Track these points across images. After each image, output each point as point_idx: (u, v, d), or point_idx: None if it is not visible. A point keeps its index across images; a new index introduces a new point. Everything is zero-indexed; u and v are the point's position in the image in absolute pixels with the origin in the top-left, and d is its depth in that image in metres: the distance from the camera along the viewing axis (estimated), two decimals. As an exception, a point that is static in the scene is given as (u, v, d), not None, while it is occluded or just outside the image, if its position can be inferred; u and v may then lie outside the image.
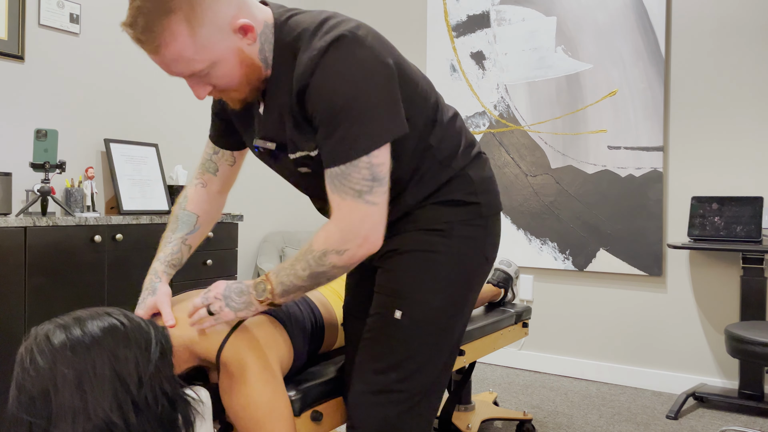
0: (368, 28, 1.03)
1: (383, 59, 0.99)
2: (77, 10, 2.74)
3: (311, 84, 0.97)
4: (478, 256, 1.17)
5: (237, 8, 0.98)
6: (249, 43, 1.00)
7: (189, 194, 1.29)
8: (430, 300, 1.12)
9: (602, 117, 3.09)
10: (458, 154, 1.16)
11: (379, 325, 1.13)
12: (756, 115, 2.74)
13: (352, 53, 0.96)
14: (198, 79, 1.01)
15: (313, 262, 1.01)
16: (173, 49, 0.94)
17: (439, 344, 1.14)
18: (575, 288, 3.21)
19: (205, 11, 0.93)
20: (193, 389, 1.06)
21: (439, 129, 1.13)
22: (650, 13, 2.95)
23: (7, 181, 2.20)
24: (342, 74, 0.95)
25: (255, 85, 1.05)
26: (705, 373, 2.87)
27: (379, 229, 1.00)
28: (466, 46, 3.52)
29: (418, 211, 1.15)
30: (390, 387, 1.10)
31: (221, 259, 2.87)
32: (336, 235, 0.99)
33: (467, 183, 1.16)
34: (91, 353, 0.93)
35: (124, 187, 2.76)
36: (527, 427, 2.31)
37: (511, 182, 3.37)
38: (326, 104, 0.96)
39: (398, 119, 0.99)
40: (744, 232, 2.63)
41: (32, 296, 2.09)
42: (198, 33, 0.94)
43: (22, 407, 0.89)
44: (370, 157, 0.96)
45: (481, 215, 1.17)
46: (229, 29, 0.97)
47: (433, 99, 1.15)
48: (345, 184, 0.98)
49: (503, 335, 2.10)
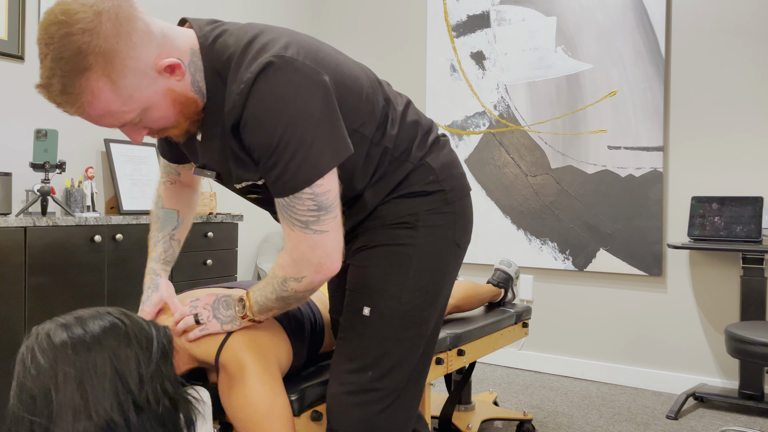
0: (299, 42, 0.97)
1: (317, 79, 0.93)
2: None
3: (243, 119, 0.93)
4: (449, 244, 1.15)
5: (158, 47, 0.91)
6: (179, 80, 0.95)
7: (161, 193, 1.28)
8: (400, 294, 1.10)
9: (602, 117, 3.09)
10: (414, 146, 1.12)
11: (350, 324, 1.12)
12: (756, 115, 2.74)
13: (282, 81, 0.90)
14: (131, 126, 0.97)
15: (278, 288, 1.01)
16: (97, 107, 0.89)
17: (413, 338, 1.12)
18: (575, 288, 3.21)
19: (123, 61, 0.87)
20: (194, 389, 1.06)
21: (391, 128, 1.10)
22: (650, 13, 2.95)
23: (7, 181, 2.20)
24: (273, 107, 0.90)
25: (194, 118, 1.01)
26: (705, 373, 2.87)
27: (334, 255, 0.98)
28: (466, 46, 3.52)
29: (382, 206, 1.12)
30: (366, 386, 1.08)
31: (221, 259, 2.87)
32: (290, 264, 0.98)
33: (427, 172, 1.12)
34: (92, 352, 0.94)
35: (124, 187, 2.76)
36: (527, 427, 2.31)
37: (511, 182, 3.37)
38: (262, 140, 0.92)
39: (340, 142, 0.95)
40: (744, 232, 2.63)
41: (32, 296, 2.09)
42: (121, 85, 0.88)
43: (23, 406, 0.89)
44: (313, 187, 0.93)
45: (447, 202, 1.14)
46: (154, 72, 0.91)
47: (381, 99, 1.10)
48: (292, 216, 0.96)
49: (503, 335, 2.10)
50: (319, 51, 0.99)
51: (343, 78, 1.01)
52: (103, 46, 0.85)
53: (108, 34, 0.85)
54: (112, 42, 0.85)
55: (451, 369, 1.79)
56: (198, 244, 2.75)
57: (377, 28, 3.90)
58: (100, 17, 0.85)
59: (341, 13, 4.06)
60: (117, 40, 0.86)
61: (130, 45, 0.87)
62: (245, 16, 3.65)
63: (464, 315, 2.07)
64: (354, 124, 1.03)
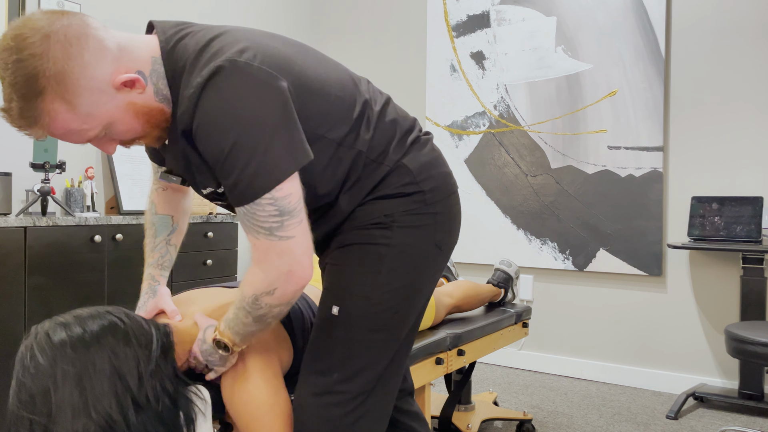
0: (259, 46, 0.94)
1: (272, 83, 0.90)
2: (77, 10, 2.74)
3: (194, 126, 0.91)
4: (428, 246, 1.10)
5: (113, 63, 0.90)
6: (140, 92, 0.94)
7: (154, 200, 1.27)
8: (370, 294, 1.06)
9: (602, 117, 3.09)
10: (391, 148, 1.08)
11: (320, 323, 1.09)
12: (756, 116, 2.74)
13: (233, 86, 0.88)
14: (99, 140, 0.96)
15: (250, 308, 0.98)
16: (57, 127, 0.89)
17: (383, 341, 1.07)
18: (575, 288, 3.21)
19: (77, 81, 0.87)
20: (195, 387, 1.07)
21: (366, 130, 1.05)
22: (650, 13, 2.95)
23: (7, 181, 2.20)
24: (223, 113, 0.88)
25: (163, 125, 0.99)
26: (705, 373, 2.87)
27: (303, 261, 0.94)
28: (466, 46, 3.52)
29: (358, 209, 1.08)
30: (332, 388, 1.05)
31: (221, 259, 2.87)
32: (260, 277, 0.95)
33: (404, 174, 1.07)
34: (91, 351, 0.94)
35: (124, 187, 2.77)
36: (527, 427, 2.31)
37: (511, 182, 3.37)
38: (213, 148, 0.90)
39: (298, 148, 0.92)
40: (744, 232, 2.63)
41: (32, 296, 2.09)
42: (77, 104, 0.88)
43: (22, 405, 0.89)
44: (273, 192, 0.90)
45: (427, 202, 1.09)
46: (111, 89, 0.91)
47: (356, 99, 1.06)
48: (254, 224, 0.93)
49: (503, 335, 2.10)
50: (279, 55, 0.96)
51: (306, 82, 0.98)
52: (53, 69, 0.85)
53: (57, 56, 0.85)
54: (62, 64, 0.85)
55: (451, 369, 1.79)
56: (198, 244, 2.75)
57: (377, 29, 3.91)
58: (48, 40, 0.85)
59: (342, 14, 4.06)
60: (67, 62, 0.86)
61: (81, 64, 0.87)
62: (246, 17, 3.65)
63: (464, 315, 2.07)
64: (320, 129, 0.99)
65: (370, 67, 3.93)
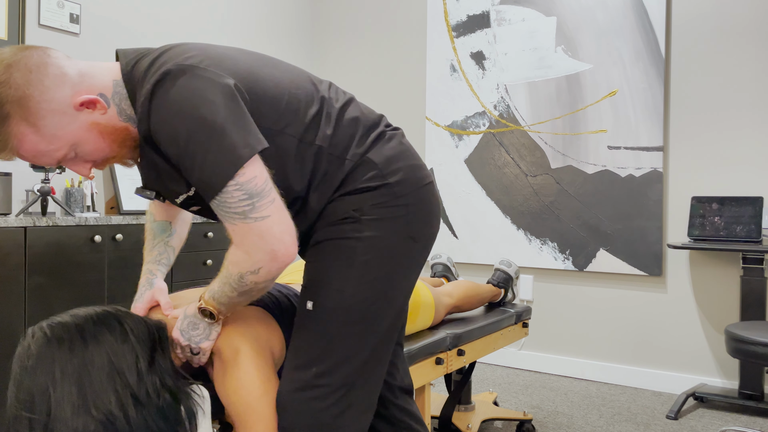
0: (206, 53, 1.00)
1: (217, 81, 0.95)
2: (77, 10, 2.75)
3: (151, 130, 0.96)
4: (401, 238, 1.11)
5: (72, 87, 0.98)
6: (102, 113, 1.00)
7: (152, 210, 1.31)
8: (344, 288, 1.07)
9: (602, 117, 3.09)
10: (354, 143, 1.10)
11: (298, 319, 1.11)
12: (756, 116, 2.74)
13: (179, 86, 0.94)
14: (71, 161, 1.03)
15: (236, 285, 1.01)
16: (26, 149, 0.97)
17: (361, 334, 1.09)
18: (575, 288, 3.21)
19: (39, 104, 0.94)
20: (195, 384, 1.07)
21: (326, 126, 1.08)
22: (650, 13, 2.95)
23: (7, 181, 2.21)
24: (173, 111, 0.93)
25: (133, 144, 1.05)
26: (705, 373, 2.87)
27: (285, 238, 0.97)
28: (466, 46, 3.52)
29: (328, 206, 1.11)
30: (312, 382, 1.06)
31: (221, 259, 2.87)
32: (243, 258, 0.98)
33: (369, 168, 1.10)
34: (89, 348, 0.94)
35: (124, 187, 2.77)
36: (527, 427, 2.31)
37: (511, 182, 3.37)
38: (172, 146, 0.95)
39: (251, 135, 0.96)
40: (744, 232, 2.62)
41: (32, 296, 2.09)
42: (42, 126, 0.96)
43: (21, 404, 0.90)
44: (237, 178, 0.94)
45: (396, 195, 1.10)
46: (73, 110, 0.98)
47: (312, 98, 1.09)
48: (227, 211, 0.96)
49: (503, 335, 2.10)
50: (226, 59, 1.02)
51: (255, 82, 1.02)
52: (15, 95, 0.93)
53: (18, 83, 0.94)
54: (23, 89, 0.94)
55: (451, 369, 1.79)
56: (198, 244, 2.75)
57: (377, 29, 3.91)
58: (10, 69, 0.94)
59: (342, 14, 4.06)
60: (27, 87, 0.94)
61: (41, 89, 0.95)
62: (246, 17, 3.65)
63: (464, 315, 2.07)
64: (277, 125, 1.03)
65: (370, 68, 3.93)
